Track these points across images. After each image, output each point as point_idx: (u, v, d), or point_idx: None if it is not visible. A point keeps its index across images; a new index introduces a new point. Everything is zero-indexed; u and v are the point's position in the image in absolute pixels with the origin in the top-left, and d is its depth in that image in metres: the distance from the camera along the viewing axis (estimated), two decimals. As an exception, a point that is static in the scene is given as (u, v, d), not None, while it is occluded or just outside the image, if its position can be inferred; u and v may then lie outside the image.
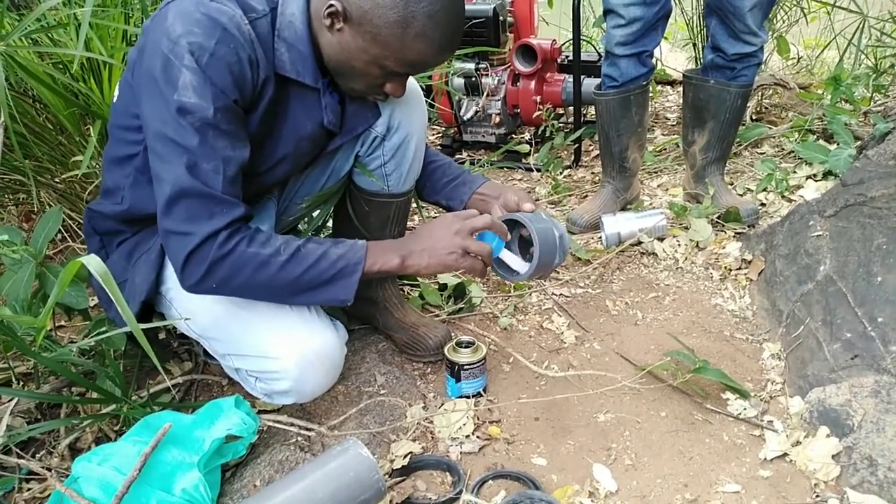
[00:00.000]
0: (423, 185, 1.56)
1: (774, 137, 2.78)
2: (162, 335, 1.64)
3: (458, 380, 1.47)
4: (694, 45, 3.29)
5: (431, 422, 1.42)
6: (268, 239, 1.15)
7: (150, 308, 1.37)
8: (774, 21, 3.14)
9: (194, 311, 1.29)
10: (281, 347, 1.24)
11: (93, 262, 0.97)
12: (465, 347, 1.49)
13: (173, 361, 1.61)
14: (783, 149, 2.68)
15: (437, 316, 1.78)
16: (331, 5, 1.12)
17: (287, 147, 1.27)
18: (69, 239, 1.95)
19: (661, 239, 2.08)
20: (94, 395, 1.37)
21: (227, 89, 1.10)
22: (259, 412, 1.41)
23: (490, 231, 1.26)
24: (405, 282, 1.89)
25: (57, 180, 1.90)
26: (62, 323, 1.71)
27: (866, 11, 2.89)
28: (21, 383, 1.45)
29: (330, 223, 1.66)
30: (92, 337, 1.32)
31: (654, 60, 2.11)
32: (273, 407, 1.44)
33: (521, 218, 1.28)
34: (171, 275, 1.31)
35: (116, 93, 1.26)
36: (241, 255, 1.12)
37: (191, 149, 1.09)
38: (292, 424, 1.36)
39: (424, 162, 1.54)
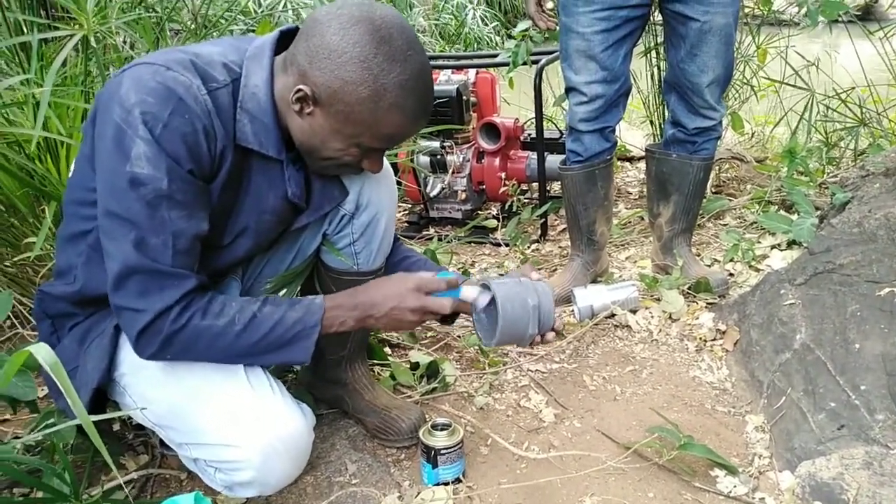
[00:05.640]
0: None
1: (736, 209, 2.83)
2: (116, 426, 1.53)
3: (434, 465, 1.39)
4: (651, 122, 3.38)
5: (408, 512, 1.33)
6: (222, 308, 1.13)
7: (103, 396, 1.28)
8: (727, 99, 3.25)
9: (149, 399, 1.21)
10: (242, 434, 1.16)
11: (42, 352, 0.89)
12: (441, 430, 1.41)
13: (128, 455, 1.50)
14: (745, 220, 2.72)
15: (409, 397, 1.71)
16: (299, 90, 1.10)
17: (249, 219, 1.23)
18: (18, 325, 1.84)
19: (633, 311, 2.06)
20: (41, 494, 1.25)
21: (181, 160, 1.07)
22: (221, 508, 1.31)
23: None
24: (375, 362, 1.82)
25: (7, 264, 1.81)
26: (6, 416, 1.59)
27: (813, 88, 3.03)
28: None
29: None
30: (39, 431, 1.22)
31: (615, 136, 2.15)
32: (236, 502, 1.33)
33: (490, 282, 1.26)
34: (124, 359, 1.23)
35: (73, 167, 1.22)
36: (195, 329, 1.11)
37: (138, 224, 1.07)
38: (257, 521, 1.26)
39: (398, 258, 1.52)
